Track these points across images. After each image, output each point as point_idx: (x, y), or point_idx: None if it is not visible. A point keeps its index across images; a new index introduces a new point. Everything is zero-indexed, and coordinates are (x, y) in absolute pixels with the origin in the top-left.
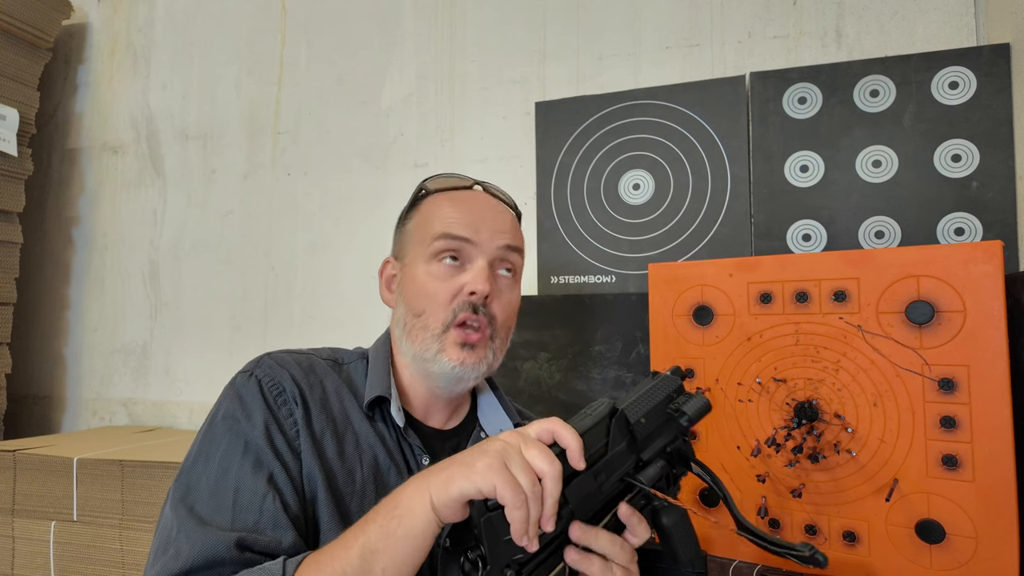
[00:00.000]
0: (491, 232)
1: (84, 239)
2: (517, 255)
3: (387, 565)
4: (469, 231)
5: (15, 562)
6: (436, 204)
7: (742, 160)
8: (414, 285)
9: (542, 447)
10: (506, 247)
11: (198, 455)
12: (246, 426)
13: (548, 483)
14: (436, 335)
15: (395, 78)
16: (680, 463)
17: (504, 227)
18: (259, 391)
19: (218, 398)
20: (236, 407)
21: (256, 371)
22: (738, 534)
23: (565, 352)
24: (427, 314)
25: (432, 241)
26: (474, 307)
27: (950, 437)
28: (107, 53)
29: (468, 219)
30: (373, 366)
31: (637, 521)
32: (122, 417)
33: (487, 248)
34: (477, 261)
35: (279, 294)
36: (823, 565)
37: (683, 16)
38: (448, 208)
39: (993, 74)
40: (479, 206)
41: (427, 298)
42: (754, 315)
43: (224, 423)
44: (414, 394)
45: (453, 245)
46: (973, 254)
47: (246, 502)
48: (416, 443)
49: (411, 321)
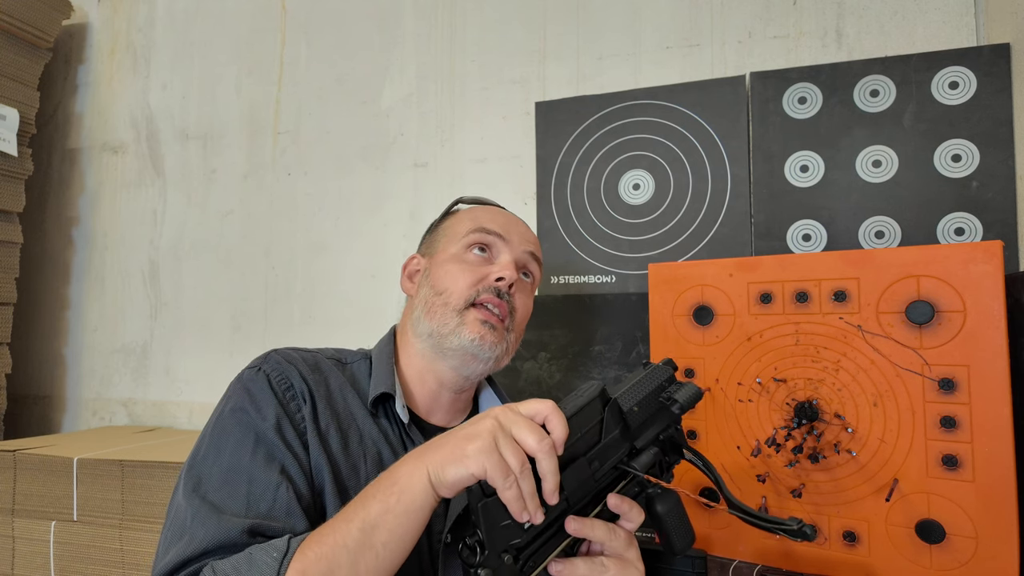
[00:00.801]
0: (520, 237)
1: (84, 239)
2: (537, 265)
3: (387, 540)
4: (502, 229)
5: (15, 562)
6: (471, 212)
7: (742, 160)
8: (441, 270)
9: (532, 425)
10: (531, 253)
11: (209, 447)
12: (256, 418)
13: (543, 460)
14: (457, 310)
15: (395, 78)
16: (673, 451)
17: (530, 238)
18: (268, 385)
19: (225, 393)
20: (245, 400)
21: (264, 366)
22: (730, 512)
23: (565, 352)
24: (449, 291)
25: (466, 235)
26: (499, 292)
27: (950, 437)
28: (107, 53)
29: (500, 221)
30: (377, 364)
31: (628, 507)
32: (122, 417)
33: (515, 248)
34: (505, 255)
35: (279, 294)
36: (812, 538)
37: (683, 16)
38: (481, 212)
39: (993, 74)
40: (510, 217)
41: (453, 278)
42: (754, 315)
43: (233, 416)
44: (418, 391)
45: (486, 238)
46: (973, 254)
47: (259, 492)
48: (420, 439)
49: (432, 299)
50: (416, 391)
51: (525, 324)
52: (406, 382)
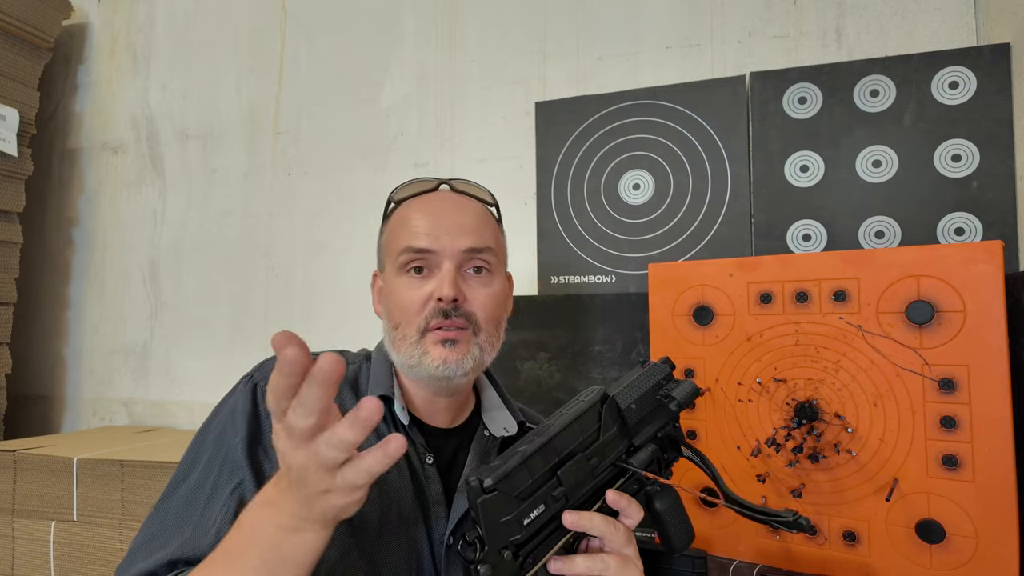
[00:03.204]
0: (452, 236)
1: (84, 239)
2: (487, 253)
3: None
4: (428, 240)
5: (15, 562)
6: (401, 216)
7: (742, 160)
8: (389, 298)
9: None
10: (469, 250)
11: (183, 461)
12: (230, 434)
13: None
14: (415, 342)
15: (395, 78)
16: (671, 448)
17: (467, 228)
18: (251, 396)
19: (222, 398)
20: (226, 413)
21: (256, 374)
22: (725, 505)
23: (565, 352)
24: (403, 325)
25: (397, 256)
26: (445, 312)
27: (950, 437)
28: (107, 53)
29: (428, 227)
30: (375, 367)
31: (627, 503)
32: (122, 417)
33: (450, 253)
34: (443, 268)
35: (279, 294)
36: (808, 530)
37: (683, 16)
38: (411, 218)
39: (993, 74)
40: (442, 211)
41: (400, 310)
42: (754, 315)
43: (211, 432)
44: (416, 396)
45: (415, 258)
46: (973, 254)
47: (208, 522)
48: (420, 441)
49: (392, 333)
50: (414, 395)
51: (503, 309)
52: (405, 384)
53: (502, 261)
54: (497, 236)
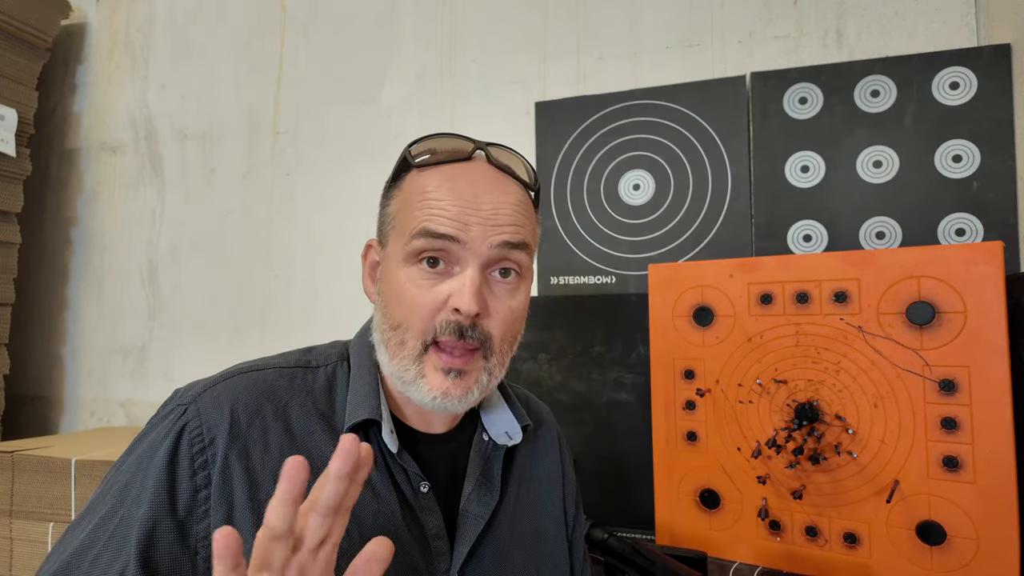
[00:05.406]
0: (486, 226)
1: (83, 239)
2: (522, 253)
3: None
4: (454, 227)
5: (13, 563)
6: (420, 184)
7: (742, 160)
8: (391, 289)
9: None
10: (505, 244)
11: (95, 495)
12: (131, 504)
13: None
14: (414, 356)
15: (395, 78)
16: None
17: (506, 216)
18: (170, 456)
19: (147, 424)
20: (137, 468)
21: (190, 408)
22: None
23: (565, 353)
24: (404, 328)
25: (411, 238)
26: (460, 329)
27: (951, 438)
28: (106, 53)
29: (457, 208)
30: (356, 376)
31: None
32: (121, 418)
33: (479, 248)
34: (466, 267)
35: (278, 294)
36: None
37: (683, 16)
38: (434, 192)
39: (994, 74)
40: (475, 188)
41: (405, 309)
42: (754, 316)
43: (120, 476)
44: (407, 405)
45: (435, 245)
46: (974, 255)
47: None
48: (414, 469)
49: (388, 333)
50: (404, 406)
51: (520, 326)
52: (392, 393)
53: (532, 262)
54: (535, 230)
